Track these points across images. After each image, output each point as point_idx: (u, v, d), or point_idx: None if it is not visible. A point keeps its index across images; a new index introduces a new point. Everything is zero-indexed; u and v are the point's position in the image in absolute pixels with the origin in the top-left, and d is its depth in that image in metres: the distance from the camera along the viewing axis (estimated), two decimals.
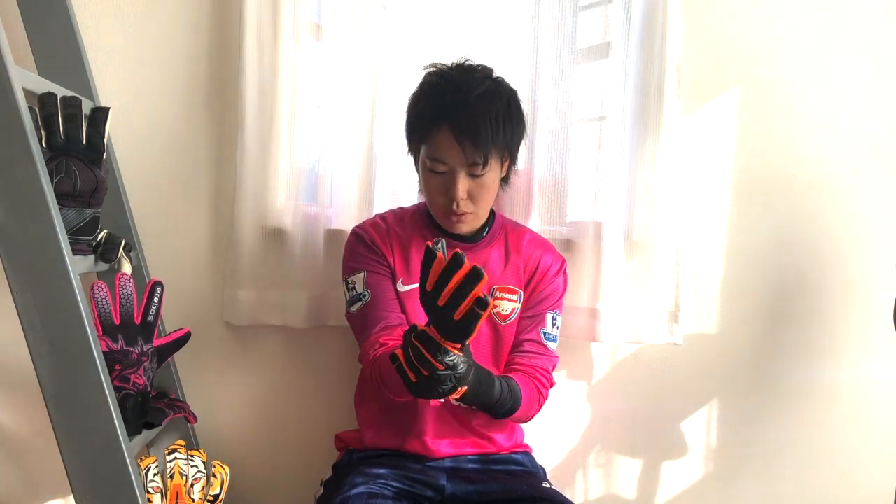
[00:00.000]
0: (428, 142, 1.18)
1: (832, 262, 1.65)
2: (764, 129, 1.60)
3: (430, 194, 1.22)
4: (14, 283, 1.01)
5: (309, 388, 1.57)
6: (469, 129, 1.13)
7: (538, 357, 1.28)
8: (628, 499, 1.66)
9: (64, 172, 1.13)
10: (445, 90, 1.17)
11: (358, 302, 1.24)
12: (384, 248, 1.27)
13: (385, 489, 1.20)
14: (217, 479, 1.31)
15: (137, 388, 1.18)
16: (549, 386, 1.29)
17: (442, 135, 1.15)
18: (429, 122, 1.17)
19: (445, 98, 1.16)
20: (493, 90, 1.18)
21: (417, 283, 1.22)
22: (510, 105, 1.19)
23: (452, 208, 1.19)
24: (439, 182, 1.19)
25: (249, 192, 1.43)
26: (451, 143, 1.15)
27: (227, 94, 1.48)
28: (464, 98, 1.15)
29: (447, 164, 1.17)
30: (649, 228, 1.50)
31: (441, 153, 1.16)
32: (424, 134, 1.18)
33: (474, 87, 1.16)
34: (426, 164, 1.19)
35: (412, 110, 1.24)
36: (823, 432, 1.68)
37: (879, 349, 1.66)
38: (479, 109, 1.14)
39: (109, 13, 1.45)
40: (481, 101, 1.15)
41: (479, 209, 1.22)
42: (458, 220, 1.22)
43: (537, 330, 1.29)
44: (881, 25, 1.61)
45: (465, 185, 1.17)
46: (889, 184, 1.64)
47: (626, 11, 1.47)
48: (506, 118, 1.17)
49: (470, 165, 1.16)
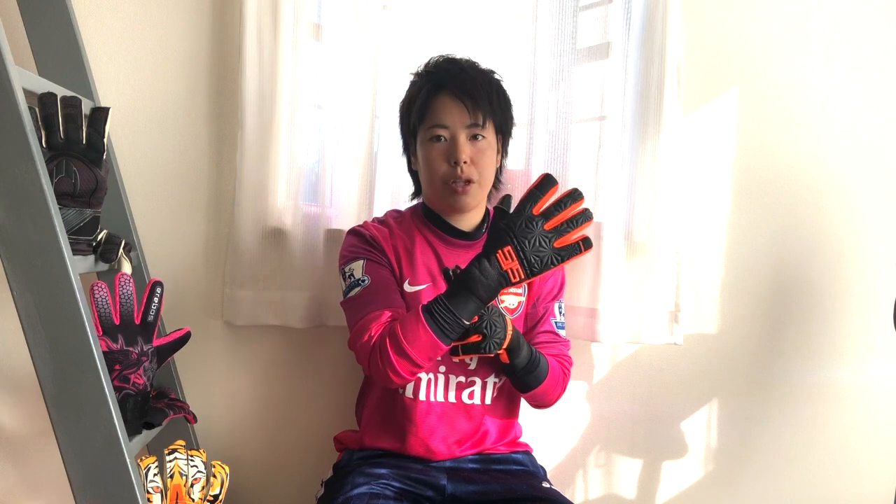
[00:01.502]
0: (428, 111, 1.22)
1: (832, 262, 1.65)
2: (764, 129, 1.60)
3: (432, 166, 1.22)
4: (14, 284, 1.01)
5: (309, 388, 1.57)
6: (468, 88, 1.20)
7: (554, 345, 1.31)
8: (628, 499, 1.66)
9: (64, 172, 1.13)
10: (440, 64, 1.25)
11: (356, 287, 1.21)
12: (387, 248, 1.26)
13: (386, 489, 1.20)
14: (217, 479, 1.31)
15: (137, 388, 1.18)
16: (570, 367, 1.33)
17: (441, 98, 1.21)
18: (427, 93, 1.22)
19: (441, 68, 1.24)
20: (484, 69, 1.27)
21: (425, 284, 1.25)
22: (499, 85, 1.27)
23: (457, 174, 1.20)
24: (441, 150, 1.21)
25: (249, 192, 1.43)
26: (452, 102, 1.20)
27: (227, 94, 1.48)
28: (459, 66, 1.24)
29: (448, 128, 1.20)
30: (649, 228, 1.50)
31: (442, 116, 1.20)
32: (423, 107, 1.22)
33: (466, 60, 1.26)
34: (426, 137, 1.22)
35: (407, 96, 1.28)
36: (823, 432, 1.68)
37: (879, 349, 1.66)
38: (476, 75, 1.23)
39: (109, 13, 1.45)
40: (474, 69, 1.25)
41: (481, 178, 1.23)
42: (463, 190, 1.21)
43: (549, 321, 1.32)
44: (881, 25, 1.61)
45: (467, 148, 1.20)
46: (889, 184, 1.64)
47: (626, 11, 1.47)
48: (498, 93, 1.25)
49: (470, 126, 1.20)
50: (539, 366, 1.21)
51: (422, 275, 1.26)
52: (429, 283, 1.26)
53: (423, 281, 1.26)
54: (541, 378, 1.22)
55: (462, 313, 1.07)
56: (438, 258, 1.27)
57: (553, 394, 1.28)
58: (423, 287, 1.25)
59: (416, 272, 1.26)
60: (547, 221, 1.03)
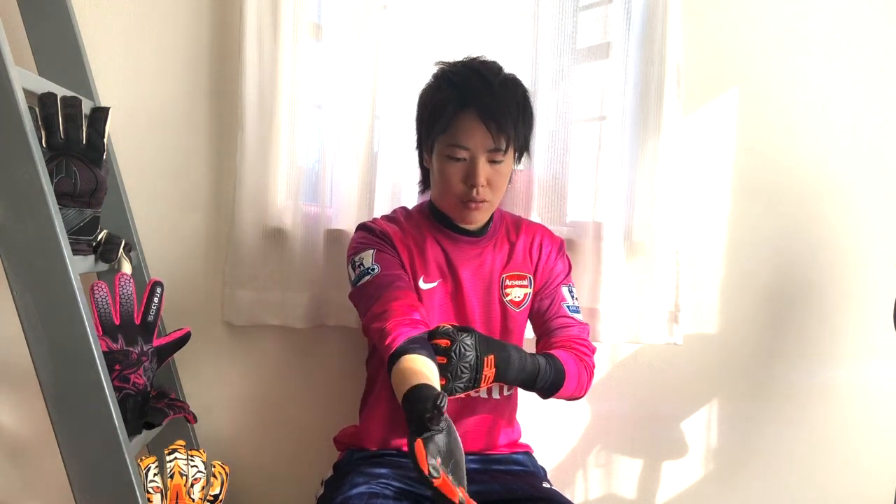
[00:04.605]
0: (450, 128, 1.18)
1: (832, 262, 1.65)
2: (764, 129, 1.60)
3: (447, 183, 1.21)
4: (14, 284, 1.01)
5: (309, 388, 1.57)
6: (495, 112, 1.16)
7: (569, 328, 1.29)
8: (628, 499, 1.66)
9: (64, 172, 1.13)
10: (469, 77, 1.19)
11: (366, 276, 1.19)
12: (399, 246, 1.25)
13: (386, 489, 1.20)
14: (217, 479, 1.31)
15: (137, 388, 1.18)
16: (590, 353, 1.29)
17: (467, 119, 1.17)
18: (453, 107, 1.17)
19: (470, 84, 1.18)
20: (513, 80, 1.22)
21: (436, 281, 1.26)
22: (525, 98, 1.23)
23: (472, 195, 1.19)
24: (458, 169, 1.19)
25: (249, 192, 1.43)
26: (477, 125, 1.16)
27: (227, 94, 1.48)
28: (488, 83, 1.17)
29: (468, 150, 1.18)
30: (649, 228, 1.50)
31: (464, 138, 1.17)
32: (447, 121, 1.18)
33: (496, 75, 1.19)
34: (444, 152, 1.19)
35: (431, 99, 1.23)
36: (823, 432, 1.68)
37: (879, 349, 1.66)
38: (504, 95, 1.18)
39: (109, 13, 1.45)
40: (504, 87, 1.19)
41: (494, 198, 1.23)
42: (476, 207, 1.21)
43: (559, 305, 1.30)
44: (881, 25, 1.61)
45: (485, 172, 1.18)
46: (889, 184, 1.64)
47: (626, 11, 1.47)
48: (524, 108, 1.22)
49: (492, 151, 1.17)
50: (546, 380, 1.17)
51: (433, 272, 1.27)
52: (439, 279, 1.27)
53: (434, 278, 1.27)
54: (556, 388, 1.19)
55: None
56: (447, 255, 1.28)
57: (577, 391, 1.25)
58: (435, 284, 1.27)
59: (429, 269, 1.27)
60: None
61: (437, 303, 1.26)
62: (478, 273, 1.29)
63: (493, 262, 1.30)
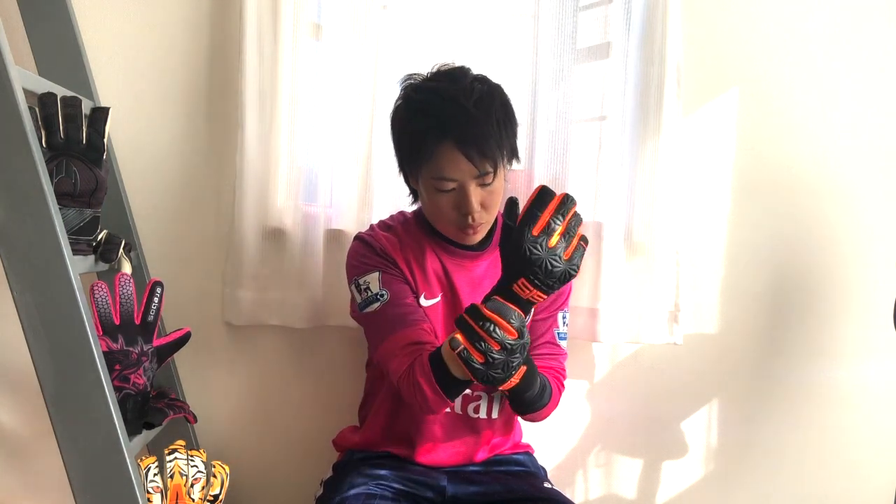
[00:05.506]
0: (431, 161, 1.11)
1: (832, 262, 1.65)
2: (764, 129, 1.60)
3: (440, 213, 1.16)
4: (14, 284, 1.01)
5: (309, 388, 1.57)
6: (475, 139, 1.09)
7: (554, 358, 1.28)
8: (628, 499, 1.66)
9: (64, 172, 1.13)
10: (442, 104, 1.11)
11: (375, 302, 1.17)
12: (398, 260, 1.22)
13: (385, 490, 1.20)
14: (217, 479, 1.31)
15: (137, 388, 1.18)
16: (564, 381, 1.29)
17: (446, 150, 1.10)
18: (431, 139, 1.10)
19: (444, 111, 1.10)
20: (487, 93, 1.13)
21: (437, 297, 1.23)
22: (504, 105, 1.16)
23: (468, 222, 1.14)
24: (449, 199, 1.14)
25: (249, 192, 1.43)
26: (458, 157, 1.09)
27: (227, 94, 1.48)
28: (463, 108, 1.09)
29: (456, 180, 1.12)
30: (649, 228, 1.50)
31: (448, 170, 1.11)
32: (427, 153, 1.11)
33: (469, 95, 1.11)
34: (431, 184, 1.14)
35: (405, 128, 1.16)
36: (823, 432, 1.68)
37: (879, 349, 1.66)
38: (481, 117, 1.10)
39: (109, 13, 1.45)
40: (479, 107, 1.10)
41: (490, 216, 1.18)
42: (474, 231, 1.18)
43: (551, 331, 1.29)
44: (881, 25, 1.61)
45: (477, 197, 1.12)
46: (889, 184, 1.64)
47: (626, 11, 1.47)
48: (505, 120, 1.14)
49: (480, 176, 1.11)
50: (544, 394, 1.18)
51: (434, 288, 1.24)
52: (440, 294, 1.24)
53: (435, 294, 1.24)
54: (543, 405, 1.19)
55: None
56: (445, 269, 1.24)
57: (547, 413, 1.24)
58: (436, 300, 1.23)
59: (430, 285, 1.23)
60: (549, 238, 0.95)
61: (438, 319, 1.23)
62: (477, 290, 1.23)
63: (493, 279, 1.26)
